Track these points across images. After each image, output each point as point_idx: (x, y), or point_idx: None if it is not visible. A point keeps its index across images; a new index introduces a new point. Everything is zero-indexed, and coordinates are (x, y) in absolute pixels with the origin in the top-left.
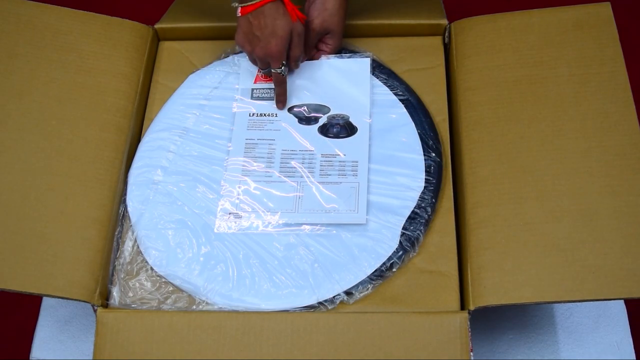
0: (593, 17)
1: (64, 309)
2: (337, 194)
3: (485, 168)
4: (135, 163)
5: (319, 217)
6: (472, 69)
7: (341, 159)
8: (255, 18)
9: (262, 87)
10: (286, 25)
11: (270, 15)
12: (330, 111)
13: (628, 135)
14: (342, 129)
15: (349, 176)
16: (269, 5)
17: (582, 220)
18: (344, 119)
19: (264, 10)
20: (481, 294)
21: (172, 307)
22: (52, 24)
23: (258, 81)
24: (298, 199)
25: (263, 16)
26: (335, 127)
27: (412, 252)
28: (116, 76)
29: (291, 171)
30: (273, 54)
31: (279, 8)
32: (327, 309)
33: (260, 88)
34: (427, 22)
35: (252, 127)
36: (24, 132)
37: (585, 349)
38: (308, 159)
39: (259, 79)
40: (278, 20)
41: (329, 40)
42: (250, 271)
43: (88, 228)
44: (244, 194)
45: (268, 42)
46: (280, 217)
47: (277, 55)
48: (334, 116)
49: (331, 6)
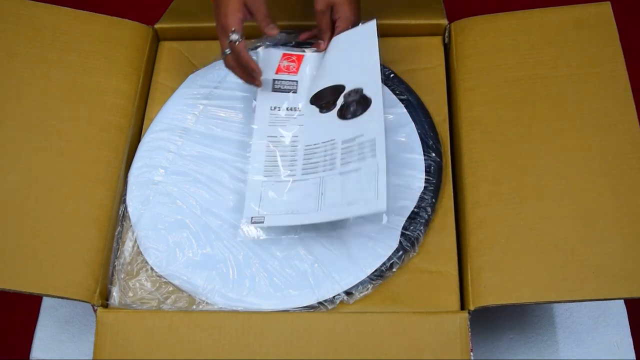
0: (593, 17)
1: (64, 309)
2: (357, 182)
3: (485, 168)
4: (135, 163)
5: (342, 212)
6: (472, 69)
7: (360, 140)
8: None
9: (283, 78)
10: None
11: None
12: (345, 89)
13: (628, 135)
14: (357, 106)
15: (368, 158)
16: None
17: (582, 220)
18: (358, 94)
19: None
20: (481, 294)
21: (172, 307)
22: (52, 24)
23: (280, 72)
24: (321, 196)
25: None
26: (351, 106)
27: (412, 252)
28: (116, 76)
29: (314, 167)
30: (222, 22)
31: None
32: (327, 309)
33: (281, 79)
34: (427, 22)
35: (273, 123)
36: (24, 132)
37: (585, 349)
38: (330, 151)
39: (280, 70)
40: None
41: (337, 14)
42: (250, 271)
43: (88, 228)
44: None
45: (219, 12)
46: (306, 219)
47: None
48: (349, 93)
49: None
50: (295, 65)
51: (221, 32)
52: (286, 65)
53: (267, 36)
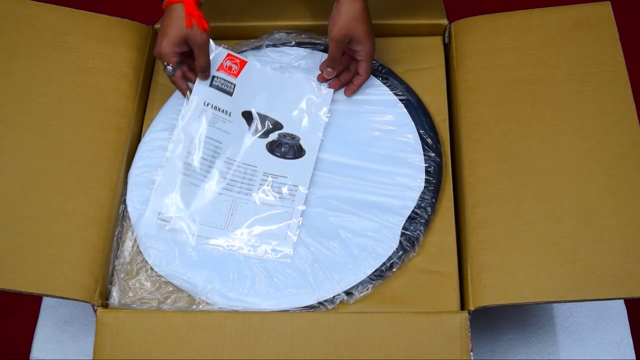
0: (593, 17)
1: (64, 309)
2: (269, 217)
3: (485, 168)
4: (135, 163)
5: (245, 239)
6: (472, 69)
7: (283, 180)
8: (163, 17)
9: (222, 76)
10: (177, 27)
11: (168, 15)
12: (283, 129)
13: (628, 135)
14: (290, 150)
15: (286, 200)
16: (173, 5)
17: (582, 220)
18: (294, 140)
19: (168, 9)
20: (481, 294)
21: (172, 307)
22: (52, 24)
23: (220, 69)
24: (230, 217)
25: (165, 15)
26: (283, 147)
27: (412, 252)
28: (116, 76)
29: (230, 184)
30: (157, 52)
31: (179, 9)
32: (327, 309)
33: (220, 77)
34: (427, 22)
35: (202, 119)
36: (24, 132)
37: (585, 349)
38: (250, 175)
39: (221, 67)
40: (172, 21)
41: (356, 46)
42: (250, 271)
43: (88, 228)
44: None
45: (159, 40)
46: (208, 233)
47: (160, 54)
48: (285, 135)
49: (345, 11)
50: (237, 68)
51: (158, 57)
52: (228, 66)
53: (268, 35)
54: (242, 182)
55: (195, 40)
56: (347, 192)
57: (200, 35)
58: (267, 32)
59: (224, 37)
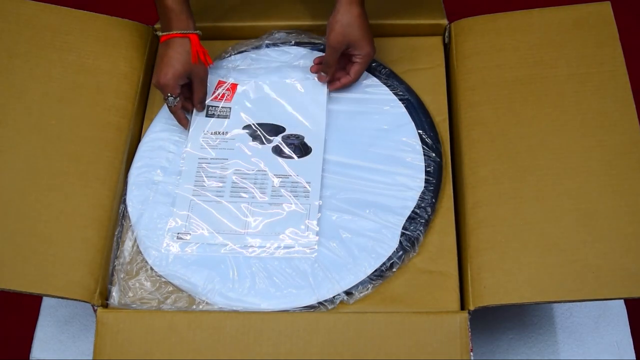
0: (593, 17)
1: (64, 309)
2: (287, 215)
3: (485, 168)
4: (135, 163)
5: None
6: (472, 69)
7: (294, 179)
8: (164, 48)
9: (217, 105)
10: (183, 61)
11: (173, 48)
12: (285, 131)
13: (628, 135)
14: (295, 150)
15: (301, 197)
16: (177, 39)
17: (582, 220)
18: (298, 139)
19: (171, 42)
20: (481, 294)
21: (172, 307)
22: (52, 23)
23: (214, 99)
24: (247, 220)
25: (168, 47)
26: (289, 148)
27: (412, 252)
28: (116, 76)
29: (243, 191)
30: (161, 83)
31: (184, 44)
32: (327, 309)
33: (215, 106)
34: (427, 22)
35: (205, 146)
36: (24, 132)
37: (585, 349)
38: (261, 179)
39: (215, 98)
40: (178, 54)
41: (353, 51)
42: (250, 271)
43: (88, 228)
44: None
45: (161, 71)
46: (228, 240)
47: (164, 85)
48: (289, 136)
49: (342, 17)
50: (230, 93)
51: (158, 88)
52: (221, 94)
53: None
54: (255, 187)
55: (198, 74)
56: (347, 192)
57: (203, 71)
58: (267, 32)
59: (224, 37)
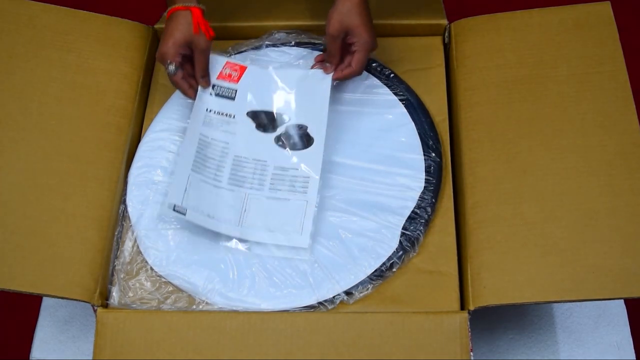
0: (593, 17)
1: (64, 309)
2: (283, 212)
3: (485, 168)
4: (135, 163)
5: (262, 236)
6: (472, 69)
7: (294, 173)
8: (168, 21)
9: (223, 84)
10: (184, 31)
11: (175, 20)
12: (289, 121)
13: (628, 135)
14: (299, 141)
15: (299, 192)
16: (180, 12)
17: (582, 220)
18: (302, 130)
19: (174, 15)
20: (481, 294)
21: (172, 307)
22: (52, 24)
23: (220, 78)
24: (244, 212)
25: (171, 20)
26: (292, 138)
27: (412, 252)
28: (116, 76)
29: (241, 180)
30: (161, 51)
31: (186, 16)
32: (327, 309)
33: (220, 85)
34: (427, 22)
35: (207, 124)
36: (24, 132)
37: (585, 349)
38: (260, 170)
39: (221, 76)
40: (179, 25)
41: (351, 39)
42: (250, 271)
43: (88, 228)
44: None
45: (162, 41)
46: (222, 228)
47: (164, 53)
48: (292, 126)
49: (341, 5)
50: (237, 74)
51: (159, 58)
52: (228, 73)
53: (268, 35)
54: (254, 178)
55: (199, 44)
56: (347, 192)
57: (205, 42)
58: (267, 32)
59: (224, 37)
